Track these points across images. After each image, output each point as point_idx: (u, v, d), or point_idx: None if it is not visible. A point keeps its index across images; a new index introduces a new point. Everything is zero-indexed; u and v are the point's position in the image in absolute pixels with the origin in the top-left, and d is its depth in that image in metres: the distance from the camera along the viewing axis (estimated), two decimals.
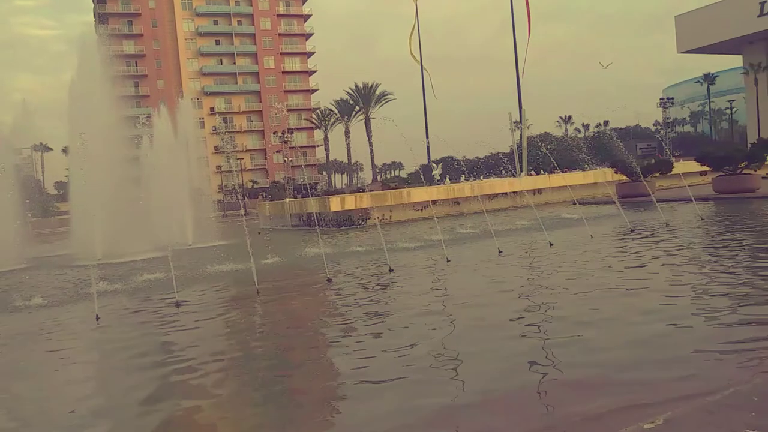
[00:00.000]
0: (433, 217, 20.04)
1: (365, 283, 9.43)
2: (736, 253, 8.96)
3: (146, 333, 7.32)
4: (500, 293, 7.63)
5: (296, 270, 12.31)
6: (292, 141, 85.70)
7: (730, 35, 64.14)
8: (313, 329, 6.79)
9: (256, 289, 9.12)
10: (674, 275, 7.62)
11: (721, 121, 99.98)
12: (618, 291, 6.98)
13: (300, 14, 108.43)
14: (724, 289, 6.52)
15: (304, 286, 9.97)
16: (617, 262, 9.02)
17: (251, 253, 10.43)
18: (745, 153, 20.45)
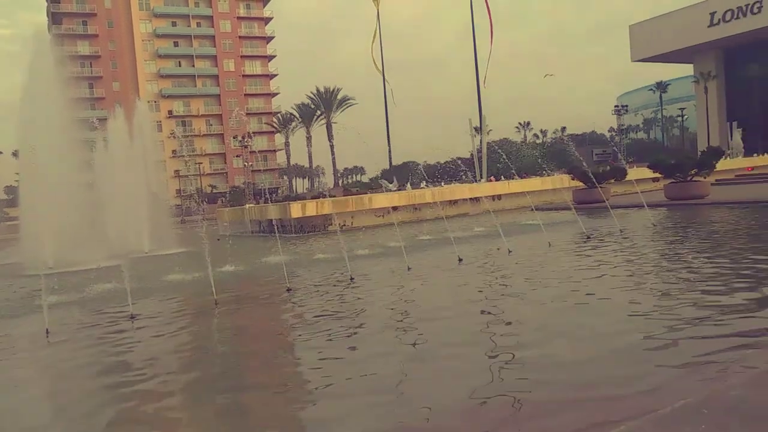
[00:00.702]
0: (395, 223, 20.10)
1: (326, 293, 9.37)
2: (689, 261, 9.23)
3: (100, 350, 7.07)
4: (460, 304, 7.63)
5: (256, 279, 12.16)
6: (253, 145, 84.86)
7: (681, 44, 66.32)
8: (272, 344, 6.70)
9: (214, 300, 8.95)
10: (632, 285, 7.78)
11: (673, 128, 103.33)
12: (577, 302, 7.05)
13: (261, 17, 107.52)
14: (682, 299, 6.67)
15: (264, 297, 9.85)
16: (576, 272, 9.17)
17: (209, 262, 10.25)
18: (695, 161, 21.16)
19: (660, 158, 22.73)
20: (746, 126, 54.27)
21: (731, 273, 7.99)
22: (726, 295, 6.68)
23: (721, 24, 62.45)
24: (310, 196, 53.48)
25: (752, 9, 59.81)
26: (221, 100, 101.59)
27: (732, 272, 8.03)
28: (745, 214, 16.48)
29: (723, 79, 68.20)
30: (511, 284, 8.88)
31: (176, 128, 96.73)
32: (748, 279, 7.40)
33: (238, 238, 27.03)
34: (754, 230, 13.23)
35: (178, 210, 59.68)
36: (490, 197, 29.10)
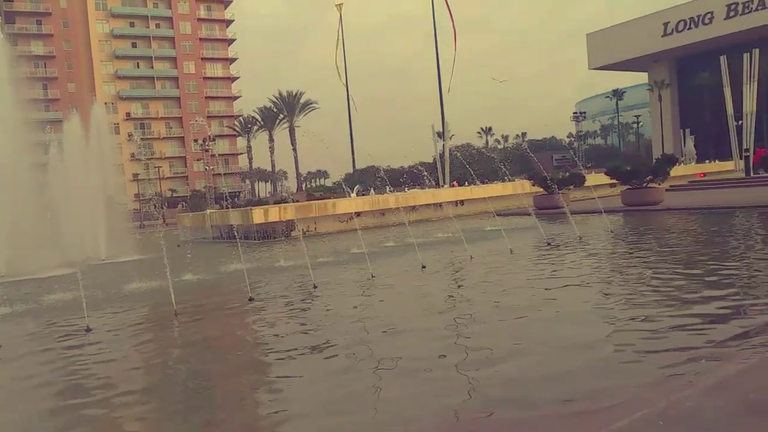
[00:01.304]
0: (361, 229, 20.06)
1: (289, 303, 9.28)
2: (648, 269, 9.47)
3: (54, 365, 6.82)
4: (425, 315, 7.61)
5: (216, 288, 11.99)
6: (214, 149, 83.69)
7: (636, 53, 68.27)
8: (232, 358, 6.57)
9: (174, 310, 8.78)
10: (594, 294, 7.92)
11: (629, 134, 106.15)
12: (542, 313, 7.11)
13: (222, 19, 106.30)
14: (644, 308, 6.80)
15: (225, 307, 9.70)
16: (538, 281, 9.27)
17: (169, 270, 10.05)
18: (650, 168, 21.78)
19: (616, 165, 23.33)
20: (698, 133, 56.20)
21: (690, 280, 8.23)
22: (687, 303, 6.86)
23: (674, 34, 64.57)
24: (272, 201, 53.00)
25: (704, 20, 62.02)
26: (181, 103, 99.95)
27: (690, 279, 8.28)
28: (698, 220, 17.04)
29: (676, 88, 70.49)
30: (474, 293, 8.95)
31: (134, 131, 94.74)
32: (708, 286, 7.59)
33: (198, 244, 26.59)
34: (709, 236, 13.67)
35: (136, 215, 58.36)
36: (453, 203, 29.36)
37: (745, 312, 6.23)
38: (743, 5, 58.69)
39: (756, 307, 6.37)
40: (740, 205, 18.63)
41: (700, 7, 62.08)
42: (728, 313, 6.15)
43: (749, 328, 5.49)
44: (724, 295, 6.92)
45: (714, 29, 60.88)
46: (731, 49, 51.15)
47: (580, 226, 16.75)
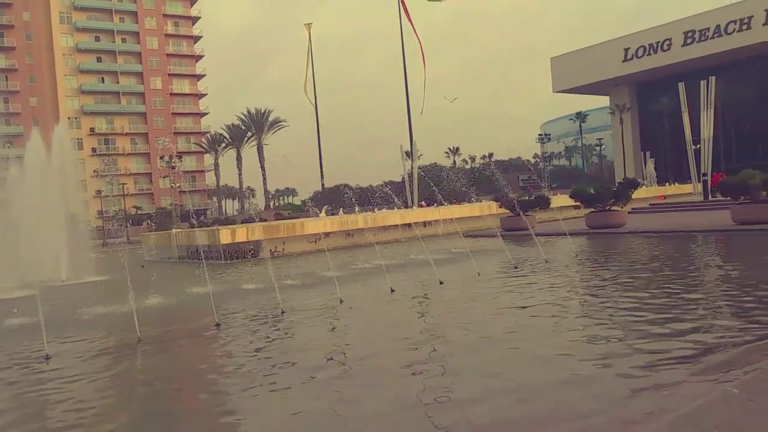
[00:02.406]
0: (330, 250, 19.96)
1: (256, 329, 9.16)
2: (614, 294, 9.66)
3: (10, 396, 6.61)
4: (395, 342, 7.53)
5: (182, 313, 11.76)
6: (181, 166, 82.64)
7: (598, 78, 70.21)
8: (198, 391, 6.44)
9: (137, 337, 8.60)
10: (560, 320, 8.01)
11: (592, 156, 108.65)
12: (509, 339, 7.17)
13: (190, 35, 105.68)
14: (610, 334, 6.93)
15: (191, 333, 9.52)
16: (506, 306, 9.37)
17: (132, 292, 9.85)
18: (612, 191, 22.31)
19: (580, 189, 23.83)
20: (658, 156, 57.82)
21: (655, 304, 8.40)
22: (653, 333, 6.98)
23: (634, 59, 66.64)
24: (240, 219, 52.46)
25: (662, 46, 64.20)
26: (147, 119, 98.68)
27: (655, 304, 8.45)
28: (661, 243, 17.47)
29: (636, 111, 72.61)
30: (443, 318, 8.98)
31: (98, 146, 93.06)
32: (673, 315, 7.71)
33: (163, 264, 26.12)
34: (671, 260, 14.00)
35: (99, 232, 57.01)
36: (422, 223, 29.51)
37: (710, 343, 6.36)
38: (700, 33, 60.96)
39: (721, 337, 6.52)
40: (700, 228, 19.19)
41: (658, 34, 64.29)
42: (693, 344, 6.26)
43: (714, 359, 5.63)
44: (689, 328, 7.02)
45: (672, 56, 63.06)
46: (689, 74, 53.10)
47: (545, 248, 17.01)
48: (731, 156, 58.73)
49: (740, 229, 18.00)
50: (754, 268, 11.27)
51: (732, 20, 58.36)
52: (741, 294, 8.68)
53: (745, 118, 62.80)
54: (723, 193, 19.46)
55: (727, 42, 58.74)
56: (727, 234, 17.93)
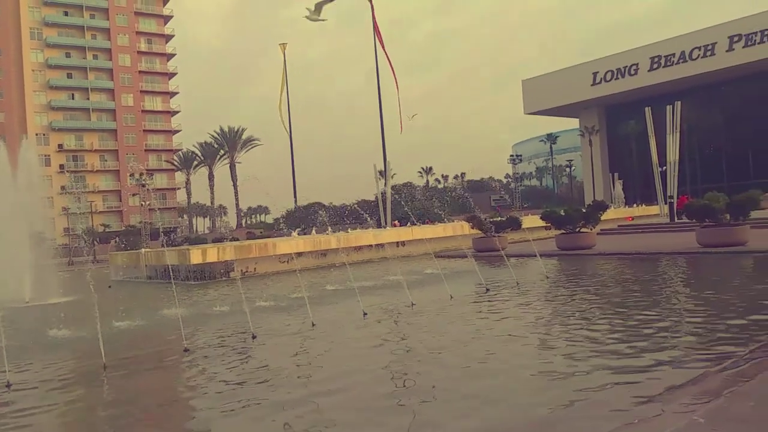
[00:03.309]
0: (302, 270, 19.82)
1: (226, 355, 8.99)
2: (585, 318, 9.76)
3: None
4: (368, 370, 7.45)
5: (150, 337, 11.53)
6: (151, 183, 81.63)
7: (568, 100, 71.72)
8: (163, 420, 6.30)
9: (102, 363, 8.39)
10: (533, 347, 8.07)
11: (563, 177, 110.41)
12: (483, 368, 7.14)
13: (163, 53, 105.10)
14: (582, 362, 6.95)
15: (158, 359, 9.32)
16: (479, 333, 9.36)
17: (99, 315, 9.63)
18: (582, 214, 22.67)
19: (551, 211, 24.18)
20: (626, 177, 59.05)
21: (624, 331, 8.50)
22: (621, 355, 7.09)
23: (602, 83, 68.30)
24: (211, 238, 51.91)
25: (630, 71, 65.94)
26: (118, 135, 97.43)
27: (625, 329, 8.55)
28: (629, 266, 17.78)
29: (605, 134, 74.22)
30: (417, 344, 8.95)
31: (67, 163, 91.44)
32: (643, 339, 7.80)
33: (131, 284, 25.64)
34: (640, 283, 14.23)
35: (65, 250, 55.77)
36: (394, 243, 29.55)
37: (676, 371, 6.45)
38: (665, 58, 62.80)
39: (687, 365, 6.62)
40: (667, 250, 19.59)
41: (626, 59, 66.04)
42: (661, 372, 6.34)
43: (680, 388, 5.71)
44: (656, 355, 7.07)
45: (639, 80, 64.81)
46: (656, 98, 54.59)
47: (517, 270, 17.17)
48: (696, 178, 60.28)
49: (705, 251, 18.43)
50: (719, 293, 11.52)
51: (696, 46, 60.29)
52: (707, 319, 8.86)
53: (709, 141, 64.66)
54: (688, 216, 19.93)
55: (692, 67, 60.62)
56: (692, 256, 18.33)
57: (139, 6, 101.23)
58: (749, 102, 61.63)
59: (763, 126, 60.30)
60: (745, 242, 18.42)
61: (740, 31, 57.18)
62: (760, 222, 22.41)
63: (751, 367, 5.98)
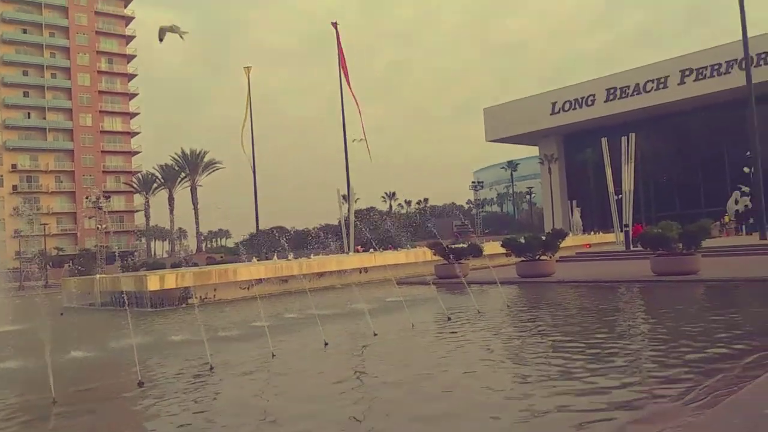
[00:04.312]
0: (263, 296, 19.52)
1: (183, 389, 8.74)
2: (547, 348, 9.88)
3: None
4: (329, 408, 7.28)
5: (103, 368, 11.16)
6: (108, 206, 79.83)
7: (528, 129, 73.31)
8: None
9: (52, 397, 8.07)
10: (495, 380, 8.06)
11: (523, 203, 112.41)
12: (447, 403, 7.09)
13: (124, 73, 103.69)
14: (543, 393, 7.01)
15: (111, 394, 9.01)
16: (440, 364, 9.35)
17: (49, 345, 9.28)
18: (542, 242, 23.08)
19: (511, 238, 24.56)
20: (584, 205, 60.42)
21: (583, 359, 8.62)
22: (580, 384, 7.18)
23: (561, 113, 70.14)
24: (170, 262, 50.84)
25: (587, 101, 67.95)
26: (75, 156, 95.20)
27: (583, 359, 8.68)
28: (588, 293, 18.14)
29: (564, 162, 76.00)
30: (379, 375, 8.90)
31: (20, 183, 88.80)
32: (605, 370, 7.92)
33: (85, 311, 24.86)
34: (598, 312, 14.50)
35: (15, 274, 53.82)
36: (357, 270, 29.47)
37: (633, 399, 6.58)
38: (621, 90, 65.00)
39: (644, 394, 6.75)
40: (623, 278, 20.06)
41: (583, 90, 68.12)
42: (618, 401, 6.43)
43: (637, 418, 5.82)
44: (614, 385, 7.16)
45: (596, 110, 66.82)
46: (612, 128, 56.32)
47: (478, 298, 17.28)
48: (651, 206, 62.09)
49: (659, 279, 18.92)
50: (673, 321, 11.82)
51: (650, 79, 62.62)
52: (663, 349, 9.07)
53: (663, 170, 66.81)
54: (642, 245, 20.49)
55: (646, 99, 62.86)
56: (647, 284, 18.80)
57: (100, 26, 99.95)
58: (700, 133, 64.11)
59: (712, 156, 62.76)
60: (697, 271, 18.99)
61: (691, 66, 59.68)
62: (711, 251, 23.18)
63: (711, 399, 6.11)
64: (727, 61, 56.20)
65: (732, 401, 5.49)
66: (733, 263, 22.11)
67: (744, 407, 5.24)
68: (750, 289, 16.34)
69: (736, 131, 53.06)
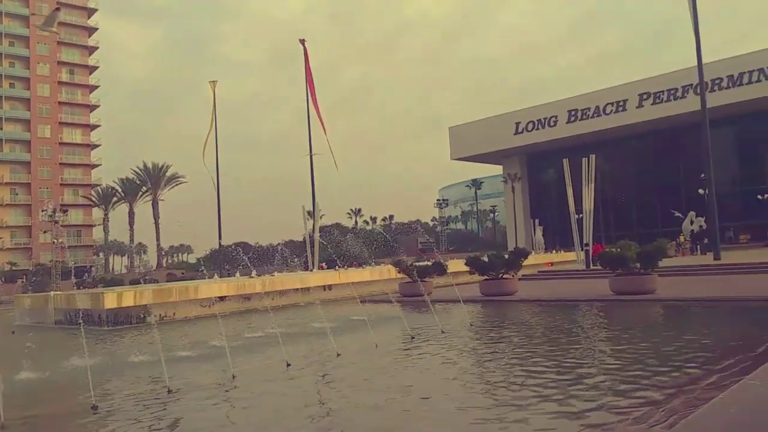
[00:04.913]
0: (225, 315, 19.18)
1: (138, 413, 8.49)
2: (511, 369, 9.93)
3: None
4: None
5: (55, 391, 10.78)
6: (66, 219, 77.72)
7: (492, 148, 74.45)
8: None
9: (0, 422, 7.75)
10: (456, 403, 8.06)
11: (487, 221, 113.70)
12: (409, 427, 7.06)
13: (86, 84, 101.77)
14: (508, 417, 7.03)
15: (63, 418, 8.70)
16: (403, 386, 9.32)
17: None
18: (504, 260, 23.33)
19: (474, 257, 24.74)
20: (546, 223, 61.39)
21: (545, 379, 8.70)
22: (544, 405, 7.23)
23: (524, 133, 71.44)
24: (129, 279, 49.61)
25: (549, 122, 69.40)
26: (32, 168, 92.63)
27: (546, 378, 8.76)
28: (548, 312, 18.33)
29: (526, 181, 77.31)
30: (343, 398, 8.81)
31: None
32: (570, 390, 7.99)
33: (38, 330, 24.00)
34: (559, 331, 14.65)
35: None
36: (321, 287, 29.27)
37: (598, 420, 6.66)
38: (582, 112, 66.63)
39: (608, 413, 6.84)
40: (583, 297, 20.39)
41: (545, 111, 69.60)
42: (581, 421, 6.52)
43: None
44: (576, 405, 7.28)
45: (558, 131, 68.30)
46: (574, 148, 57.64)
47: (442, 316, 17.35)
48: (610, 225, 63.52)
49: (618, 299, 19.30)
50: (631, 342, 12.05)
51: (610, 102, 64.39)
52: (623, 370, 9.21)
53: (622, 191, 68.54)
54: (602, 264, 20.88)
55: (606, 121, 64.56)
56: (606, 303, 19.14)
57: (62, 36, 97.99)
58: (657, 155, 66.08)
59: (669, 178, 64.68)
60: (654, 290, 19.44)
61: (649, 90, 61.62)
62: (667, 270, 23.79)
63: (671, 419, 6.22)
64: (683, 86, 58.25)
65: (688, 422, 5.60)
66: (689, 283, 22.73)
67: (701, 428, 5.36)
68: (705, 309, 16.80)
69: (691, 154, 54.94)
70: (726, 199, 53.34)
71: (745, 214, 60.22)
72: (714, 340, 11.82)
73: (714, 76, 54.33)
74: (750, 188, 59.75)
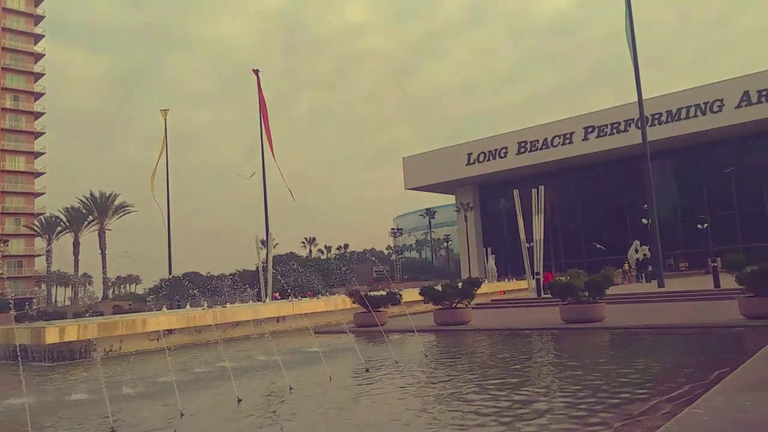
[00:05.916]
0: (175, 348, 18.61)
1: None
2: (468, 400, 9.94)
3: None
4: None
5: None
6: (7, 249, 74.65)
7: (445, 178, 75.65)
8: None
9: None
10: None
11: (441, 249, 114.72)
12: None
13: (31, 111, 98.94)
14: None
15: None
16: (358, 422, 9.25)
17: None
18: (458, 290, 23.55)
19: (428, 288, 24.89)
20: (498, 252, 62.47)
21: (505, 410, 8.72)
22: None
23: (476, 163, 72.93)
24: (72, 311, 47.67)
25: (500, 153, 71.07)
26: None
27: (500, 409, 8.80)
28: (502, 342, 18.53)
29: (479, 210, 78.67)
30: None
31: None
32: (517, 412, 8.09)
33: None
34: (513, 360, 14.80)
35: None
36: (274, 318, 28.80)
37: None
38: (531, 144, 68.56)
39: None
40: (535, 326, 20.71)
41: (496, 143, 71.37)
42: None
43: None
44: None
45: (508, 162, 70.01)
46: (524, 179, 59.18)
47: (396, 347, 17.32)
48: (560, 253, 65.08)
49: (568, 327, 19.70)
50: (583, 370, 12.28)
51: (557, 135, 66.53)
52: (576, 397, 9.37)
53: (570, 220, 70.46)
54: (552, 293, 21.34)
55: (554, 153, 66.59)
56: (557, 332, 19.50)
57: (7, 62, 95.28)
58: (603, 185, 68.42)
59: (614, 207, 66.93)
60: (602, 318, 19.94)
61: (593, 123, 64.00)
62: (614, 298, 24.47)
63: None
64: (625, 120, 60.76)
65: None
66: (635, 310, 23.40)
67: None
68: (651, 336, 17.29)
69: (634, 184, 57.07)
70: (667, 228, 55.50)
71: (686, 243, 62.74)
72: (661, 368, 12.16)
73: (654, 111, 56.91)
74: (690, 218, 62.41)
